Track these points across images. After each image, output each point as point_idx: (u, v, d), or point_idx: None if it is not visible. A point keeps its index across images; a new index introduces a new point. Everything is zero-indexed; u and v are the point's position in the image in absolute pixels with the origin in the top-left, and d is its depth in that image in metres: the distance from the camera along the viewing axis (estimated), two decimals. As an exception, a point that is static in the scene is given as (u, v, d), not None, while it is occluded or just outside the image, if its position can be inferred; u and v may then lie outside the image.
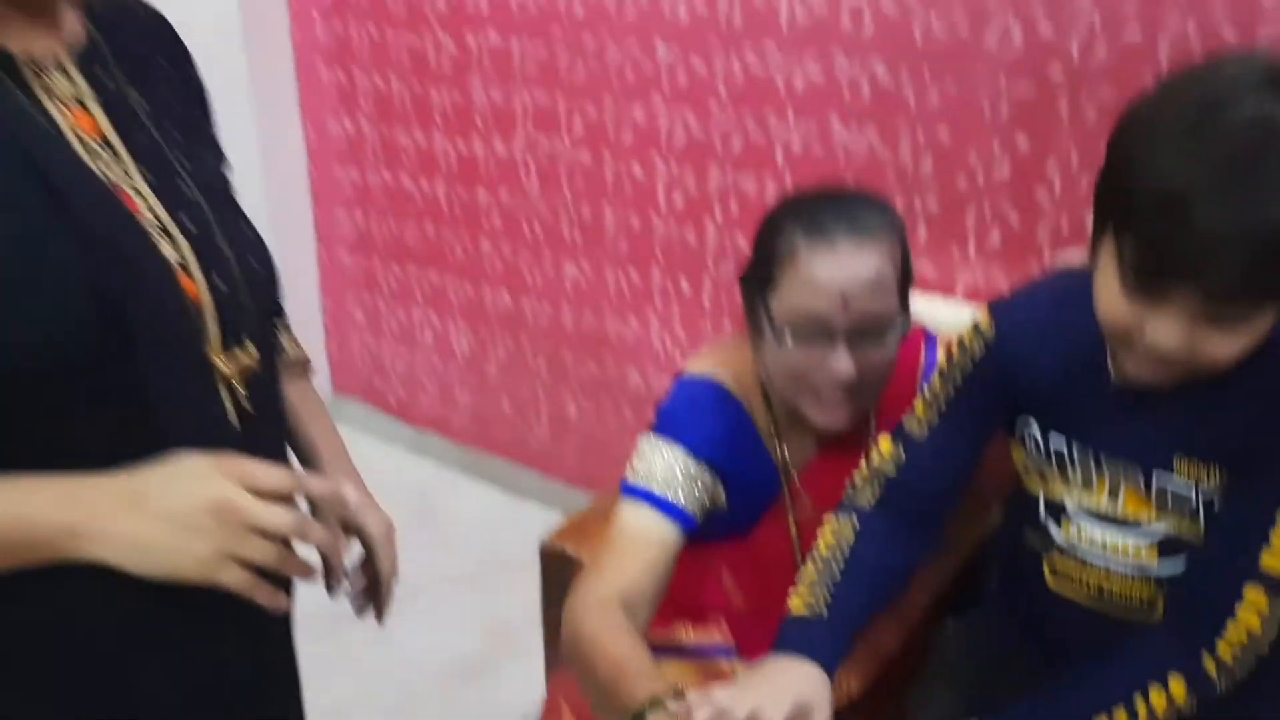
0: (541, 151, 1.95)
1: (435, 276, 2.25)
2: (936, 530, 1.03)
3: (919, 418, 1.01)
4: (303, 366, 0.93)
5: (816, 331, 0.99)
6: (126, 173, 0.69)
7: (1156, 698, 0.85)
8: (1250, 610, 0.83)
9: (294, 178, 2.37)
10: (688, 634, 1.16)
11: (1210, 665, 0.84)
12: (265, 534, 0.63)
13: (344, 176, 2.32)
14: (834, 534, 1.00)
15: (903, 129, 1.52)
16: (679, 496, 1.03)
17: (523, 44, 1.89)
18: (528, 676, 1.57)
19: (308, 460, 0.92)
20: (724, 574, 1.16)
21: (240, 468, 0.64)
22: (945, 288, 1.54)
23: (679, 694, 0.82)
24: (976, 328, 0.99)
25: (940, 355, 1.07)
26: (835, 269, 0.97)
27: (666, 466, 1.03)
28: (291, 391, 0.89)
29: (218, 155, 0.81)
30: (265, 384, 0.77)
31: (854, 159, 1.59)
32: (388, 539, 0.89)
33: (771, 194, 1.69)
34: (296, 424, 0.91)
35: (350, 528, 0.85)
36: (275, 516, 0.63)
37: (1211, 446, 0.87)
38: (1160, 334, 0.77)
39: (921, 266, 1.54)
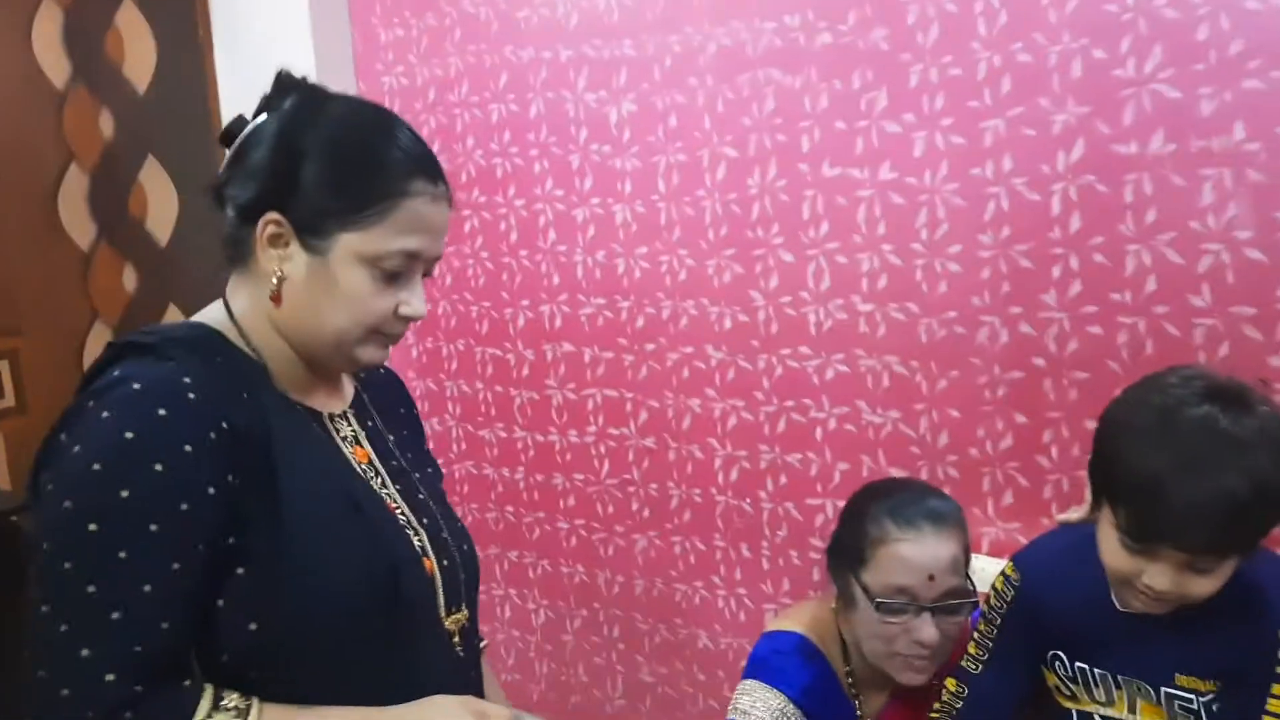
0: (611, 439, 2.27)
1: (514, 556, 2.51)
2: None
3: (973, 656, 1.25)
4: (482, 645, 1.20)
5: (906, 604, 1.23)
6: (386, 487, 1.00)
7: None
8: None
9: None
10: None
11: None
12: None
13: (430, 468, 2.64)
14: None
15: (920, 410, 1.84)
16: None
17: (594, 352, 2.26)
18: None
19: None
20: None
21: (478, 706, 0.90)
22: (972, 546, 1.78)
23: None
24: (1006, 576, 1.25)
25: (981, 605, 1.32)
26: (923, 552, 1.22)
27: (768, 707, 1.25)
28: None
29: (435, 469, 1.12)
30: (470, 636, 1.03)
31: (881, 435, 1.89)
32: None
33: (815, 468, 1.98)
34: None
35: None
36: None
37: (1204, 664, 1.10)
38: (1154, 579, 1.03)
39: (950, 524, 1.80)
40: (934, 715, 1.28)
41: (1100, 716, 1.15)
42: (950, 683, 1.28)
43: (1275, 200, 1.49)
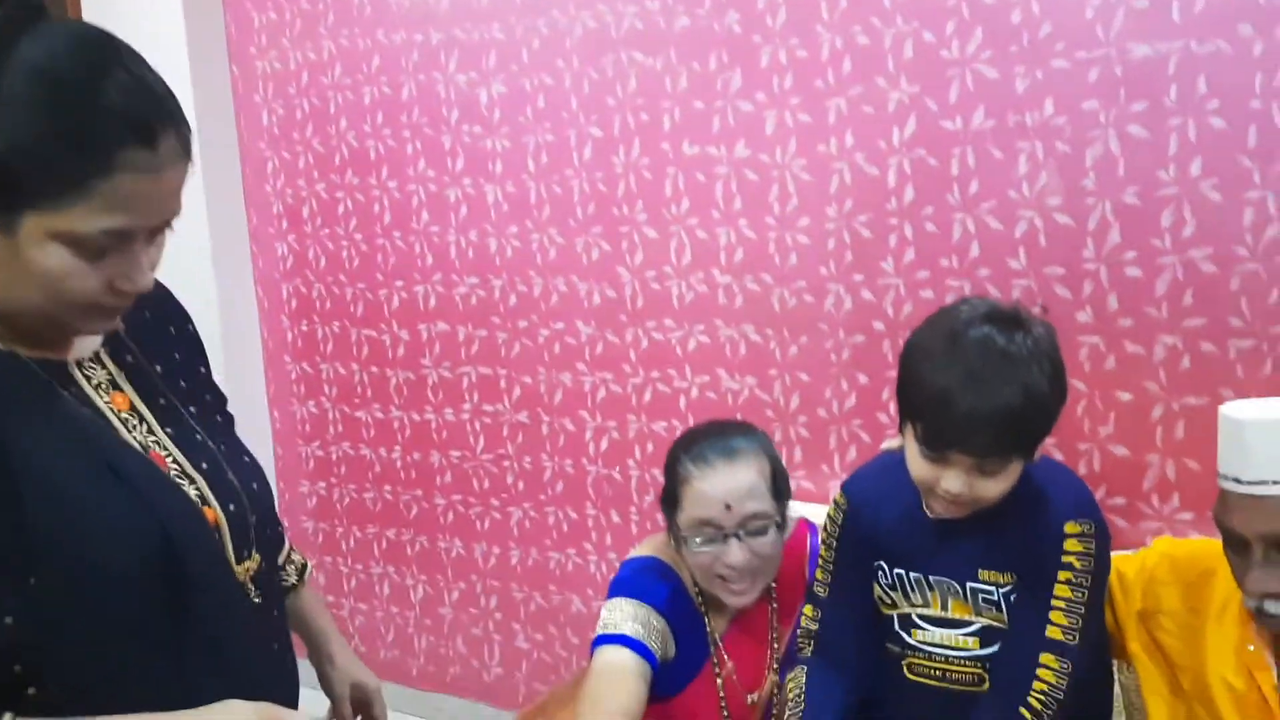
0: (486, 416, 2.32)
1: (392, 534, 2.53)
2: (861, 666, 1.32)
3: (820, 580, 1.36)
4: (301, 570, 1.18)
5: (713, 534, 1.32)
6: (153, 434, 0.90)
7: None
8: (1046, 670, 1.17)
9: (259, 456, 2.65)
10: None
11: (1028, 715, 1.15)
12: None
13: (307, 453, 2.64)
14: (794, 683, 1.33)
15: (774, 376, 1.95)
16: (648, 639, 1.32)
17: (468, 330, 2.31)
18: None
19: (317, 648, 1.18)
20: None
21: (272, 713, 0.82)
22: (821, 498, 1.90)
23: None
24: (835, 502, 1.36)
25: (820, 534, 1.43)
26: (716, 485, 1.31)
27: (634, 616, 1.32)
28: (301, 594, 1.16)
29: (217, 395, 1.05)
30: (268, 580, 0.98)
31: (739, 400, 1.99)
32: (379, 693, 1.16)
33: (679, 434, 2.07)
34: (306, 619, 1.17)
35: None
36: None
37: (1001, 559, 1.22)
38: (949, 483, 1.15)
39: (800, 481, 1.90)
40: (799, 641, 1.37)
41: (918, 616, 1.26)
42: (807, 609, 1.37)
43: (1080, 170, 1.65)
